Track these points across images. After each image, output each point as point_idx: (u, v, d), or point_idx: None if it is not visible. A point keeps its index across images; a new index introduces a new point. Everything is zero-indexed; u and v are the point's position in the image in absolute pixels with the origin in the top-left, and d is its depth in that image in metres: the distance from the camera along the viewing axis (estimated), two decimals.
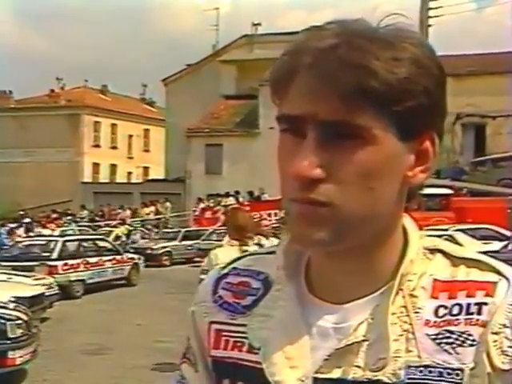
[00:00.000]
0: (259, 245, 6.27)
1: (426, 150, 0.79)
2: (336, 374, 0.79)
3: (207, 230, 23.65)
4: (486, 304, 0.78)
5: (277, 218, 17.91)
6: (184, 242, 23.36)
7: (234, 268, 0.94)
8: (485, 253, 0.92)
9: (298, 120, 0.76)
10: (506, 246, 12.57)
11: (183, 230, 25.16)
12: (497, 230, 16.09)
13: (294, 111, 0.77)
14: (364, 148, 0.75)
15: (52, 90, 48.05)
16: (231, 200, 26.92)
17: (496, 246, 13.22)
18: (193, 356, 0.93)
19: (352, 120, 0.74)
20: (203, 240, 22.10)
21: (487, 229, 16.13)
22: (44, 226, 25.44)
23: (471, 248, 10.59)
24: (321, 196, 0.75)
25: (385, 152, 0.75)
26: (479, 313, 0.78)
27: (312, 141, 0.75)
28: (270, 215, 19.82)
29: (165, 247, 23.05)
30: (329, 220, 0.76)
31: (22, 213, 31.33)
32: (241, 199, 27.00)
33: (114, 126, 48.33)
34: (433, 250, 0.84)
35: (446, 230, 15.36)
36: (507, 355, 0.76)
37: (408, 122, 0.76)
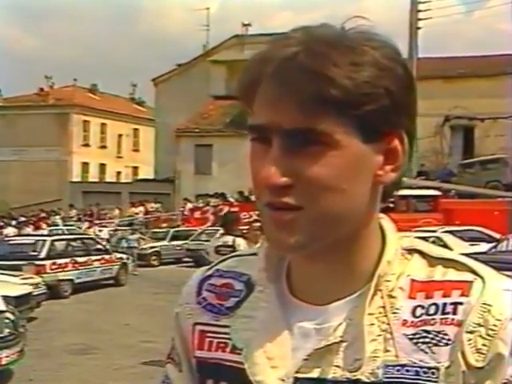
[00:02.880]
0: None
1: (395, 149, 0.80)
2: (316, 373, 0.81)
3: (196, 230, 23.63)
4: (461, 304, 0.80)
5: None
6: (173, 242, 23.33)
7: (217, 270, 0.95)
8: (471, 254, 0.93)
9: (263, 129, 0.78)
10: (493, 248, 12.64)
11: (172, 230, 25.12)
12: (484, 231, 16.19)
13: (258, 121, 0.79)
14: (328, 153, 0.76)
15: (41, 89, 47.80)
16: (220, 201, 26.92)
17: (483, 247, 13.29)
18: (177, 356, 0.95)
19: (313, 127, 0.75)
20: (192, 240, 22.08)
21: (475, 230, 16.23)
22: (35, 226, 25.31)
23: (457, 249, 10.65)
24: (292, 200, 0.77)
25: (349, 155, 0.77)
26: (454, 312, 0.79)
27: (277, 149, 0.77)
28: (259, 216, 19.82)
29: (153, 247, 23.01)
30: (302, 223, 0.77)
31: (11, 212, 31.15)
32: (231, 199, 26.99)
33: (103, 125, 48.17)
34: (410, 251, 0.86)
35: (434, 231, 15.44)
36: (481, 353, 0.77)
37: (370, 125, 0.77)
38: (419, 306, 0.81)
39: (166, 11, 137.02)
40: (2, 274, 11.47)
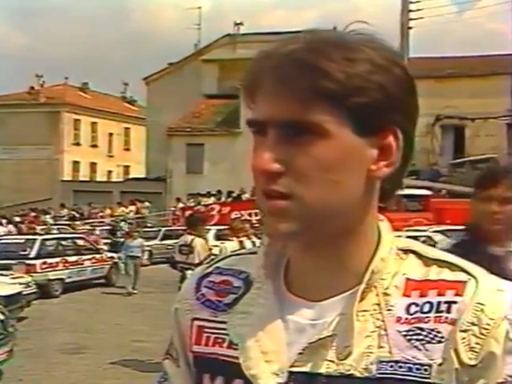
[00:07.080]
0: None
1: (389, 145, 0.82)
2: (310, 367, 0.82)
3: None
4: (455, 303, 0.81)
5: (257, 217, 17.93)
6: (164, 242, 23.25)
7: (217, 267, 0.97)
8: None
9: (261, 123, 0.81)
10: None
11: (163, 229, 25.04)
12: None
13: (256, 115, 0.82)
14: (319, 143, 0.79)
15: (32, 87, 47.51)
16: (212, 200, 26.88)
17: None
18: (175, 352, 0.96)
19: (305, 118, 0.79)
20: None
21: None
22: (30, 226, 25.16)
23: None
24: (281, 187, 0.80)
25: (341, 146, 0.79)
26: (448, 311, 0.81)
27: (271, 139, 0.81)
28: (250, 215, 19.82)
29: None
30: (293, 212, 0.80)
31: (5, 215, 30.87)
32: (222, 199, 26.96)
33: (94, 124, 48.00)
34: (406, 251, 0.88)
35: (425, 230, 15.47)
36: (474, 352, 0.79)
37: (362, 117, 0.80)
38: (413, 303, 0.82)
39: (157, 10, 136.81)
40: None
